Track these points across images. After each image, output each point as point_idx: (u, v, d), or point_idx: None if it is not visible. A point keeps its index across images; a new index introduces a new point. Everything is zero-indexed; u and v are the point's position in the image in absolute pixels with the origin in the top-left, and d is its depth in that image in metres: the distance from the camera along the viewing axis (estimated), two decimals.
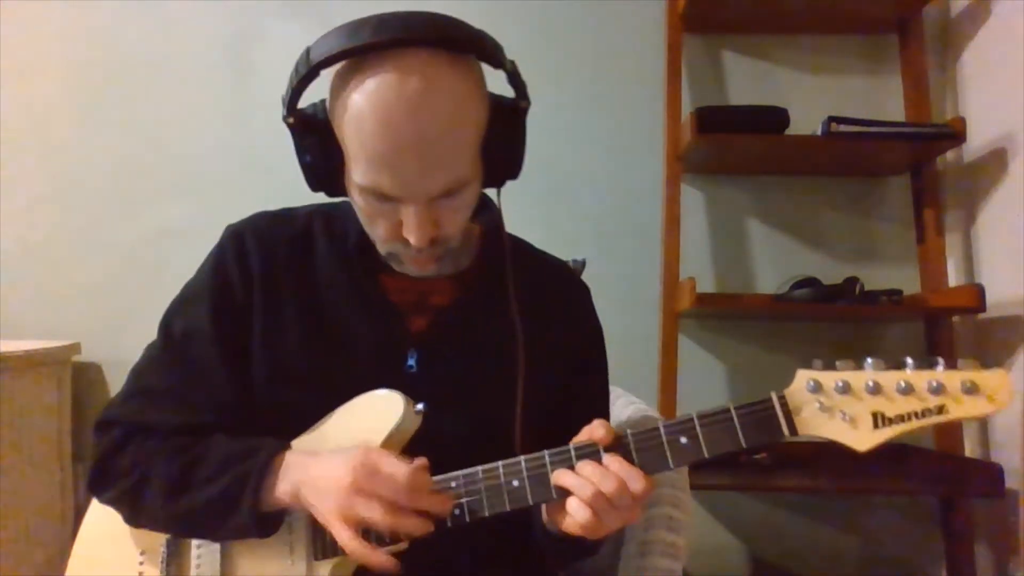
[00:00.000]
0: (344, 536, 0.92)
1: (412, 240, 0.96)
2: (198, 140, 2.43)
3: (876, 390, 0.83)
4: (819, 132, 2.10)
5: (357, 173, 0.94)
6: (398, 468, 0.91)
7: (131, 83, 2.44)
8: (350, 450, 0.96)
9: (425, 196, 0.94)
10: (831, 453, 2.16)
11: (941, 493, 2.23)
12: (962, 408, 0.80)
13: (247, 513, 0.97)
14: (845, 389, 0.84)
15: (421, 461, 0.95)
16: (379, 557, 0.92)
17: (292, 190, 1.11)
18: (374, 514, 0.90)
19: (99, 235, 2.41)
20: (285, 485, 0.98)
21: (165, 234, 2.39)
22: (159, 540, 1.07)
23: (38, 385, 2.14)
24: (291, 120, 0.97)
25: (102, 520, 1.11)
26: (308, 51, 0.93)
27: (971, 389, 0.79)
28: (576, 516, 0.90)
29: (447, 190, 0.94)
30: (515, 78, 0.99)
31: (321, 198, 1.08)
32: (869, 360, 0.85)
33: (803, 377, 0.87)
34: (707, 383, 2.37)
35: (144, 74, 2.44)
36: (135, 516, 1.07)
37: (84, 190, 2.42)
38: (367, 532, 0.96)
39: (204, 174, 2.42)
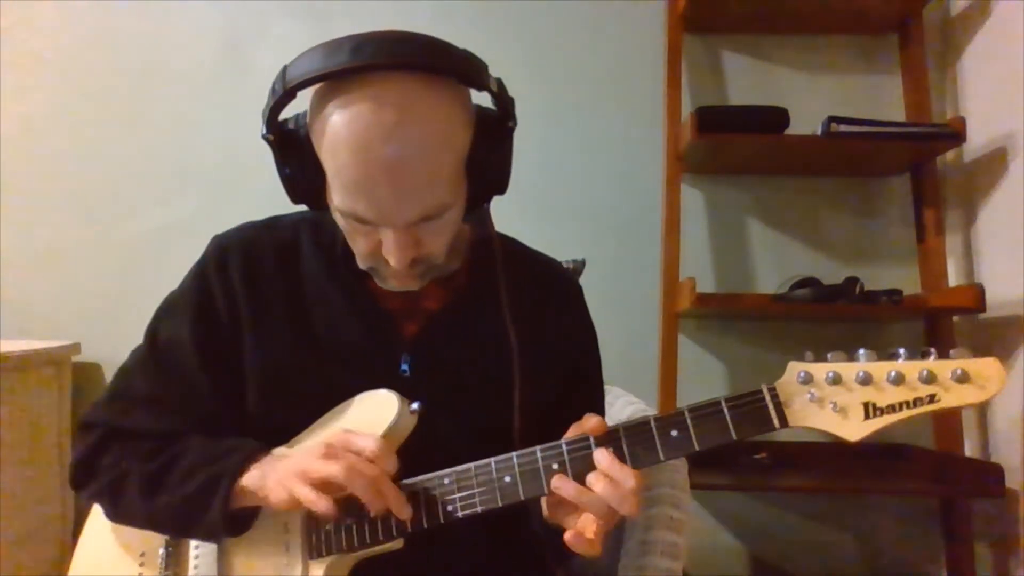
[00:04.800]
0: (302, 491, 0.90)
1: (391, 262, 0.95)
2: (198, 140, 2.44)
3: (867, 380, 0.83)
4: (819, 132, 2.10)
5: (335, 195, 0.94)
6: (369, 442, 0.92)
7: (131, 83, 2.45)
8: None
9: (402, 222, 0.93)
10: (831, 453, 2.20)
11: (941, 493, 2.23)
12: (954, 396, 0.80)
13: (218, 513, 0.97)
14: (836, 380, 0.84)
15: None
16: (324, 504, 0.90)
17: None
18: (331, 469, 0.89)
19: (99, 235, 2.42)
20: (253, 474, 0.98)
21: (165, 234, 2.40)
22: (159, 542, 1.08)
23: (38, 385, 2.14)
24: (271, 137, 0.97)
25: (104, 522, 1.12)
26: (285, 71, 0.92)
27: (962, 377, 0.79)
28: (585, 533, 0.90)
29: (424, 216, 0.93)
30: (500, 99, 0.97)
31: None
32: (861, 351, 0.85)
33: (794, 369, 0.87)
34: (707, 383, 2.37)
35: (144, 74, 2.45)
36: (115, 513, 1.08)
37: (84, 190, 2.43)
38: (360, 529, 0.97)
39: (204, 174, 2.43)
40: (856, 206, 2.40)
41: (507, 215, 1.13)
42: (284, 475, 0.94)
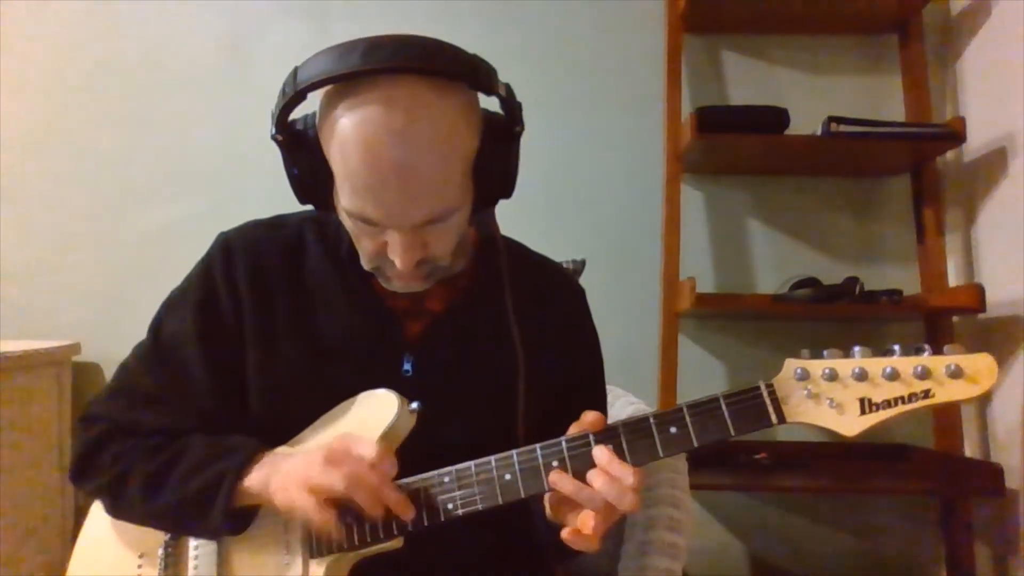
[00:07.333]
0: (305, 502, 0.91)
1: (397, 264, 0.96)
2: (198, 140, 2.44)
3: (862, 376, 0.84)
4: (819, 132, 2.10)
5: (343, 196, 0.94)
6: (368, 448, 0.92)
7: (131, 83, 2.45)
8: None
9: (409, 224, 0.93)
10: (831, 453, 2.19)
11: (941, 493, 2.23)
12: (948, 392, 0.81)
13: (220, 512, 0.98)
14: (832, 376, 0.85)
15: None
16: (324, 516, 0.90)
17: (291, 191, 1.11)
18: (333, 480, 0.90)
19: (99, 235, 2.43)
20: (257, 475, 0.98)
21: (165, 234, 2.40)
22: (158, 542, 1.08)
23: (38, 385, 2.14)
24: (280, 138, 0.97)
25: (103, 522, 1.12)
26: (295, 72, 0.92)
27: (956, 373, 0.80)
28: (583, 529, 0.90)
29: (431, 219, 0.94)
30: (508, 104, 0.98)
31: None
32: (856, 348, 0.86)
33: (791, 365, 0.88)
34: (707, 383, 2.36)
35: (144, 74, 2.45)
36: (115, 510, 1.08)
37: (84, 190, 2.43)
38: (360, 528, 0.97)
39: (204, 174, 2.43)
40: (856, 206, 2.40)
41: (507, 215, 1.12)
42: (287, 481, 0.94)
